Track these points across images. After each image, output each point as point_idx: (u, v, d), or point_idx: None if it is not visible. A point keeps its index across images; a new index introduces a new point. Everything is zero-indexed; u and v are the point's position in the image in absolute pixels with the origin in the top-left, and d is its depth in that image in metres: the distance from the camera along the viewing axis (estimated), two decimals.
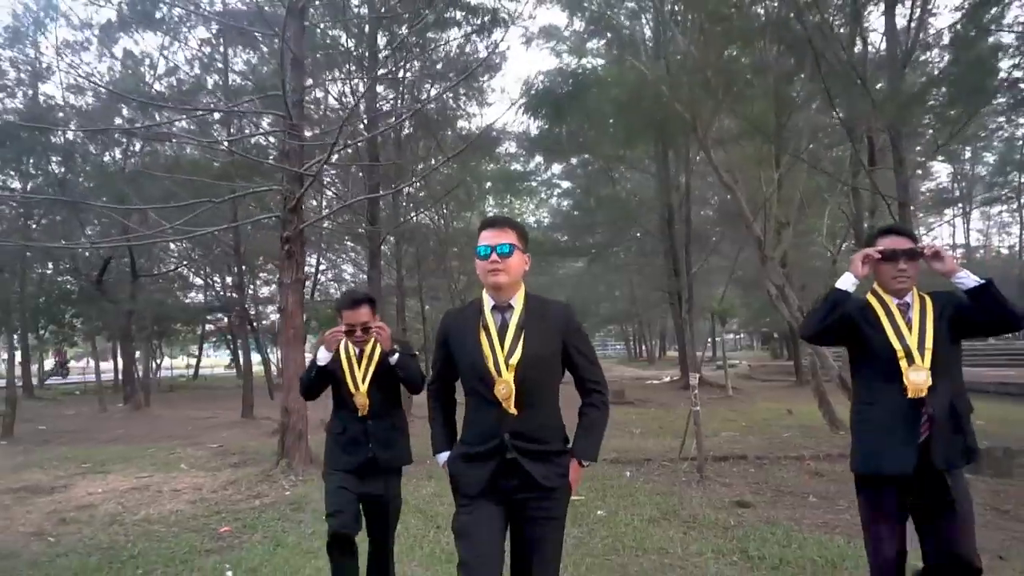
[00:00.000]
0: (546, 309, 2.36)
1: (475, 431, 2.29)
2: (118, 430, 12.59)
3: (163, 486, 6.81)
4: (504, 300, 2.31)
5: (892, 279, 2.56)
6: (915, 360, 2.45)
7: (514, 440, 2.20)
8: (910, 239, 2.61)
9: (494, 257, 2.23)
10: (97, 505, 6.06)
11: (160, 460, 8.45)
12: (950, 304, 2.56)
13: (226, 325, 32.45)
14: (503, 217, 2.44)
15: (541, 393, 2.29)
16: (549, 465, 2.25)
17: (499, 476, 2.21)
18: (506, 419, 2.20)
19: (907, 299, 2.60)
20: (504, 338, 2.26)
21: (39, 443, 10.81)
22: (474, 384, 2.28)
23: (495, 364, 2.22)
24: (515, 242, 2.28)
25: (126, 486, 6.85)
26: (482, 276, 2.30)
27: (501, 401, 2.20)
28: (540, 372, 2.27)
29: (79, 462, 8.40)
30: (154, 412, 16.08)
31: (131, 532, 5.18)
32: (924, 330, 2.51)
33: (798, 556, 4.23)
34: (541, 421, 2.28)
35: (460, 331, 2.34)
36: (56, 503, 6.19)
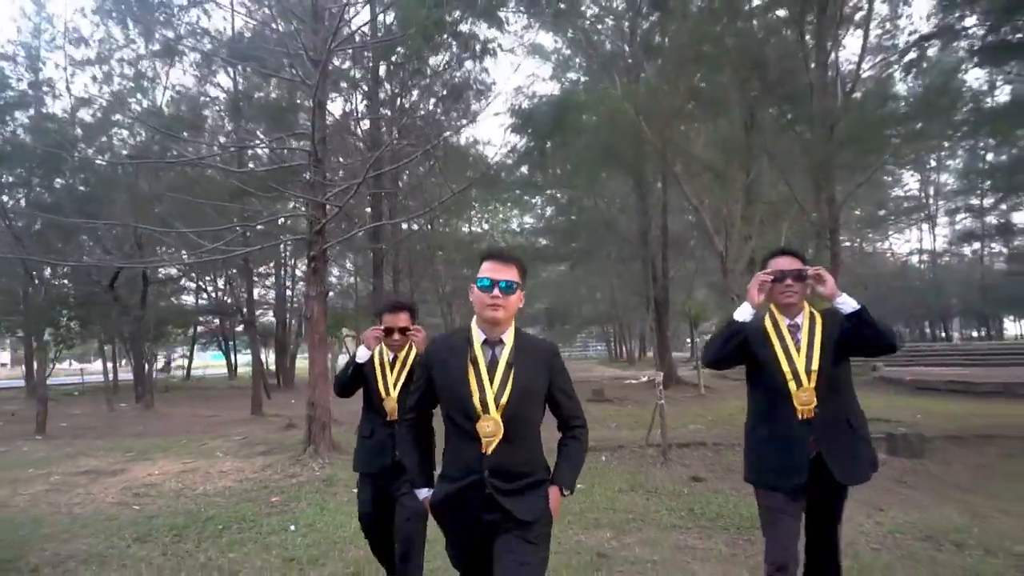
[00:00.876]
0: (534, 347, 2.37)
1: (454, 465, 2.28)
2: (138, 426, 13.64)
3: (209, 469, 7.98)
4: (496, 335, 2.30)
5: (780, 295, 2.78)
6: (802, 382, 2.66)
7: (492, 478, 2.20)
8: (798, 259, 2.82)
9: (496, 292, 2.23)
10: (160, 483, 7.23)
11: (195, 450, 9.59)
12: (837, 324, 2.74)
13: (217, 327, 33.49)
14: (508, 252, 2.38)
15: (525, 429, 2.28)
16: (528, 498, 2.25)
17: (481, 512, 2.22)
18: (486, 456, 2.20)
19: (798, 319, 2.81)
20: (494, 375, 2.25)
21: (72, 438, 11.85)
22: (457, 418, 2.26)
23: (482, 400, 2.22)
24: (517, 279, 2.29)
25: (177, 469, 8.02)
26: (479, 308, 2.28)
27: (483, 438, 2.20)
28: (526, 410, 2.28)
29: (123, 451, 9.51)
30: (161, 411, 17.09)
31: (197, 502, 6.35)
32: (811, 352, 2.70)
33: (731, 513, 5.52)
34: (522, 456, 2.28)
35: (446, 362, 2.31)
36: (124, 482, 7.34)
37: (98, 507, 6.26)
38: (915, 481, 6.84)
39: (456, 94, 15.89)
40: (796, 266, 2.77)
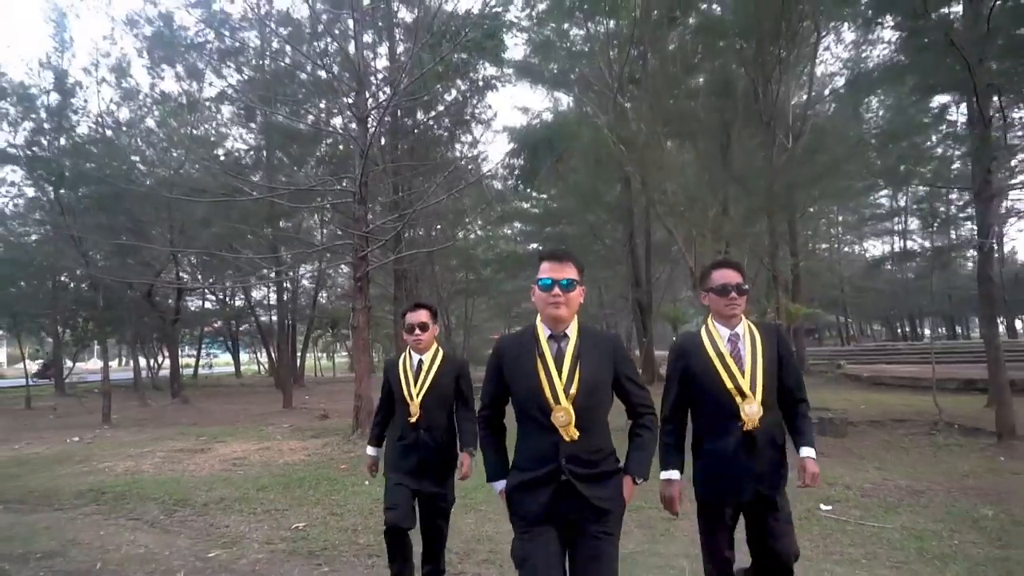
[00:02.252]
0: (598, 338, 2.48)
1: (530, 456, 2.37)
2: (184, 418, 15.53)
3: (280, 447, 9.98)
4: (560, 330, 2.40)
5: (725, 307, 2.83)
6: (747, 395, 2.70)
7: (569, 464, 2.28)
8: (739, 272, 2.90)
9: (556, 291, 2.33)
10: (246, 457, 9.22)
11: (256, 435, 11.57)
12: (774, 341, 2.87)
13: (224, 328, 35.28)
14: (564, 251, 2.47)
15: (595, 418, 2.37)
16: (603, 486, 2.33)
17: (556, 500, 2.29)
18: (562, 444, 2.28)
19: (738, 330, 2.85)
20: (561, 367, 2.34)
21: (135, 427, 13.74)
22: (531, 411, 2.35)
23: (553, 392, 2.31)
24: (576, 277, 2.39)
25: (253, 448, 10.01)
26: (541, 307, 2.39)
27: (559, 428, 2.28)
28: (595, 399, 2.37)
29: (195, 437, 11.47)
30: (197, 405, 18.99)
31: (284, 469, 8.34)
32: (755, 365, 2.76)
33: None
34: (595, 445, 2.35)
35: (515, 359, 2.43)
36: (216, 457, 9.32)
37: (210, 472, 8.25)
38: (833, 453, 8.93)
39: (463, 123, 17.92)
40: (738, 279, 2.86)
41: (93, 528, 5.70)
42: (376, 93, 10.25)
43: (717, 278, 2.88)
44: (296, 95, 14.25)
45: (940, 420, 10.58)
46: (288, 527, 5.54)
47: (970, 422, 10.41)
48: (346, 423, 11.41)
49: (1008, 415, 8.65)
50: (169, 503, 6.51)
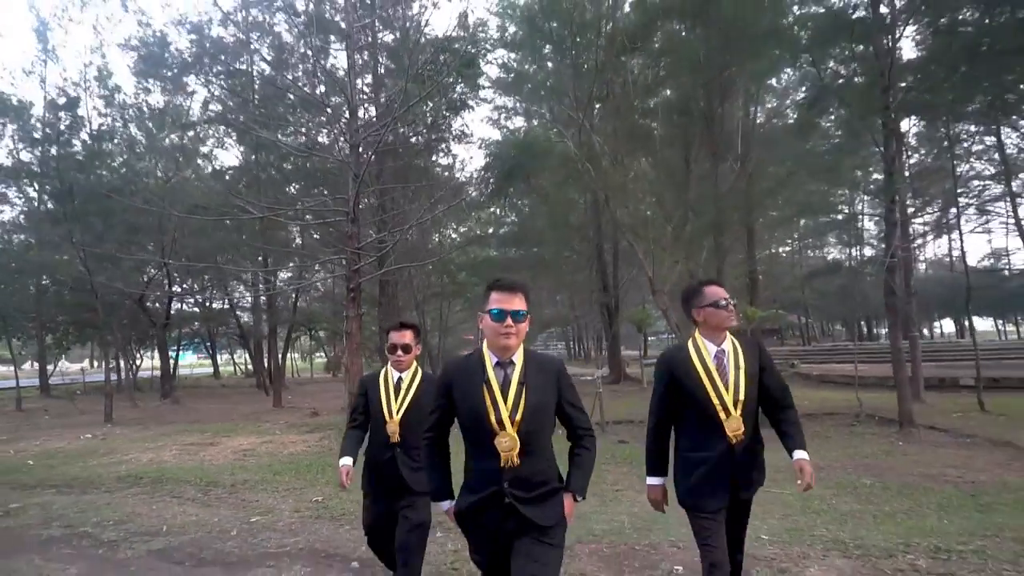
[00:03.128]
0: (542, 364, 2.56)
1: (475, 478, 2.46)
2: (182, 417, 16.55)
3: (281, 440, 11.17)
4: (507, 357, 2.48)
5: (725, 319, 2.99)
6: (731, 412, 2.86)
7: (512, 488, 2.37)
8: (724, 288, 3.07)
9: (508, 322, 2.41)
10: (253, 449, 10.40)
11: (256, 430, 12.71)
12: (755, 355, 3.03)
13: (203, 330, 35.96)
14: (514, 281, 2.54)
15: (539, 442, 2.45)
16: (545, 506, 2.43)
17: (501, 521, 2.40)
18: (505, 468, 2.37)
19: (723, 346, 2.99)
20: (507, 393, 2.42)
21: (137, 425, 14.74)
22: (476, 435, 2.43)
23: (498, 418, 2.38)
24: (526, 308, 2.49)
25: (257, 441, 11.18)
26: (491, 336, 2.46)
27: (501, 453, 2.36)
28: (539, 424, 2.45)
29: (199, 433, 12.57)
30: (188, 405, 19.95)
31: (291, 458, 9.54)
32: (738, 382, 2.91)
33: (643, 460, 8.96)
34: (538, 467, 2.43)
35: (463, 384, 2.48)
36: (226, 449, 10.48)
37: (225, 461, 9.43)
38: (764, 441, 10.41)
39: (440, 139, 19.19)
40: (726, 294, 3.02)
41: (144, 504, 6.87)
42: (364, 115, 11.27)
43: (710, 295, 3.03)
44: (286, 116, 15.42)
45: (862, 413, 12.18)
46: (309, 500, 6.78)
47: (889, 414, 11.97)
48: (337, 419, 12.63)
49: (907, 407, 10.23)
50: (201, 484, 7.69)
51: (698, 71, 12.60)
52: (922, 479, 7.11)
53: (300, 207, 12.10)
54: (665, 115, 16.59)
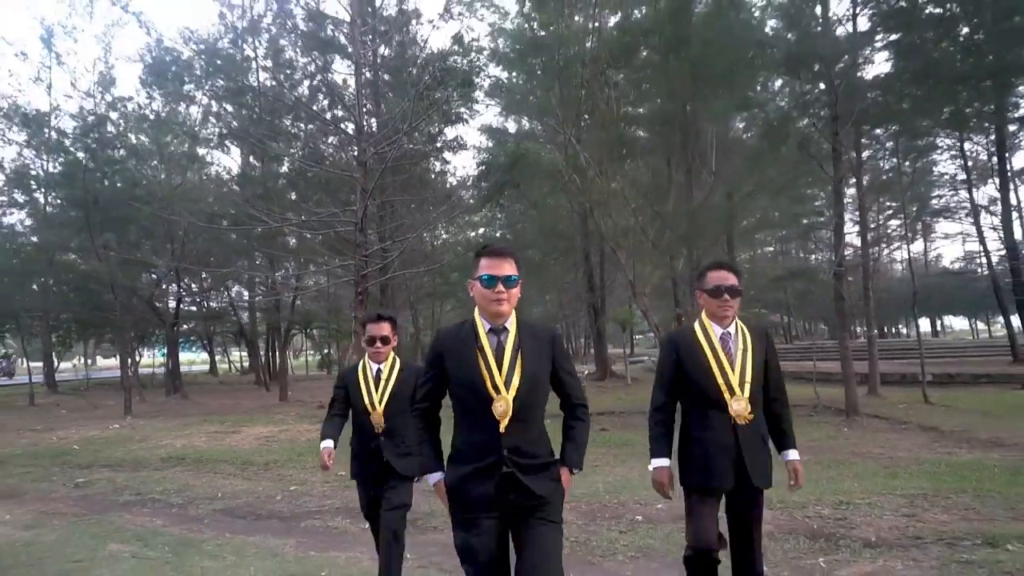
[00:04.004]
0: (536, 332, 2.52)
1: (471, 449, 2.39)
2: (196, 410, 17.65)
3: (296, 429, 12.35)
4: (500, 324, 2.45)
5: (718, 308, 2.95)
6: (736, 392, 2.83)
7: (512, 455, 2.33)
8: (734, 273, 2.99)
9: (499, 288, 2.38)
10: (272, 436, 11.59)
11: (269, 422, 13.87)
12: (763, 341, 3.00)
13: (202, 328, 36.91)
14: (505, 247, 2.51)
15: (534, 410, 2.43)
16: (543, 477, 2.39)
17: (499, 492, 2.32)
18: (503, 436, 2.33)
19: (730, 329, 2.96)
20: (502, 360, 2.39)
21: (158, 417, 15.87)
22: (471, 404, 2.39)
23: (493, 384, 2.35)
24: (517, 273, 2.44)
25: (276, 430, 12.36)
26: (483, 303, 2.43)
27: (498, 419, 2.32)
28: (534, 391, 2.41)
29: (218, 423, 13.70)
30: (195, 400, 21.05)
31: (308, 444, 10.70)
32: (745, 364, 2.88)
33: (621, 443, 10.23)
34: (533, 436, 2.41)
35: (456, 352, 2.45)
36: (248, 436, 11.65)
37: (250, 446, 10.63)
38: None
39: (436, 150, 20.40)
40: (732, 280, 2.94)
41: (194, 478, 8.07)
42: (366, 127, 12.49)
43: (712, 279, 2.97)
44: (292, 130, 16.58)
45: (819, 404, 13.54)
46: (335, 474, 7.95)
47: (841, 405, 13.27)
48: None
49: (853, 399, 11.62)
50: (237, 463, 8.90)
51: (674, 97, 13.90)
52: (851, 456, 8.43)
53: (312, 219, 13.24)
54: (647, 129, 17.90)
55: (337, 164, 14.43)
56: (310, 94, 16.92)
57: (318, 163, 13.78)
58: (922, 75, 14.79)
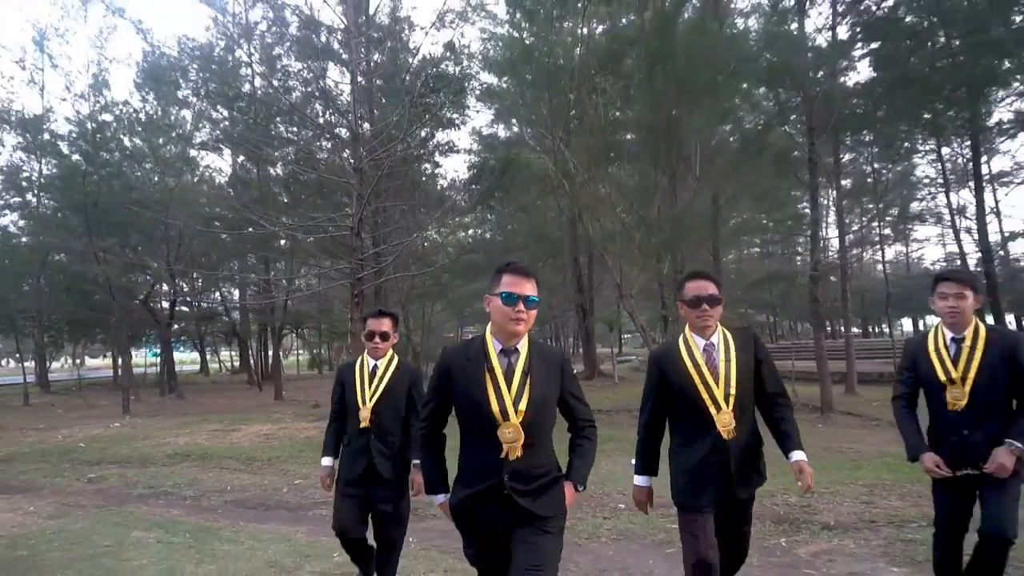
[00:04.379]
0: (545, 354, 2.50)
1: (473, 471, 2.38)
2: (193, 409, 18.01)
3: (294, 427, 12.77)
4: (512, 344, 2.40)
5: (697, 319, 2.91)
6: (721, 406, 2.80)
7: (512, 481, 2.30)
8: (713, 282, 2.95)
9: (520, 307, 2.34)
10: (273, 434, 11.99)
11: (267, 420, 14.27)
12: (750, 349, 2.95)
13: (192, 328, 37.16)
14: (526, 267, 2.47)
15: (541, 434, 2.40)
16: (544, 497, 2.37)
17: (500, 513, 2.33)
18: (506, 461, 2.30)
19: (713, 339, 2.92)
20: (511, 382, 2.35)
21: (156, 416, 16.21)
22: (476, 426, 2.37)
23: (501, 408, 2.31)
24: (537, 294, 2.42)
25: (274, 428, 12.77)
26: (501, 320, 2.37)
27: (504, 444, 2.29)
28: (541, 414, 2.39)
29: (217, 422, 14.09)
30: (191, 400, 21.38)
31: (306, 441, 11.13)
32: (729, 375, 2.84)
33: (607, 439, 10.69)
34: (538, 461, 2.38)
35: (464, 372, 2.40)
36: (248, 434, 12.05)
37: (251, 443, 11.03)
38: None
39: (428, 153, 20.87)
40: (711, 290, 2.91)
41: (202, 473, 8.49)
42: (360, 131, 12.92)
43: (690, 290, 2.94)
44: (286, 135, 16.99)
45: (796, 402, 14.08)
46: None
47: (818, 403, 13.94)
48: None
49: (828, 397, 12.20)
50: (242, 459, 9.32)
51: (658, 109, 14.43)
52: (821, 450, 8.98)
53: (307, 223, 13.66)
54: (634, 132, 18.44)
55: (331, 168, 14.79)
56: (304, 99, 17.25)
57: (314, 168, 14.19)
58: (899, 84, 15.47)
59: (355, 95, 14.00)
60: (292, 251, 18.28)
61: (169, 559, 4.80)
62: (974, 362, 3.13)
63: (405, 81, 15.51)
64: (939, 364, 3.22)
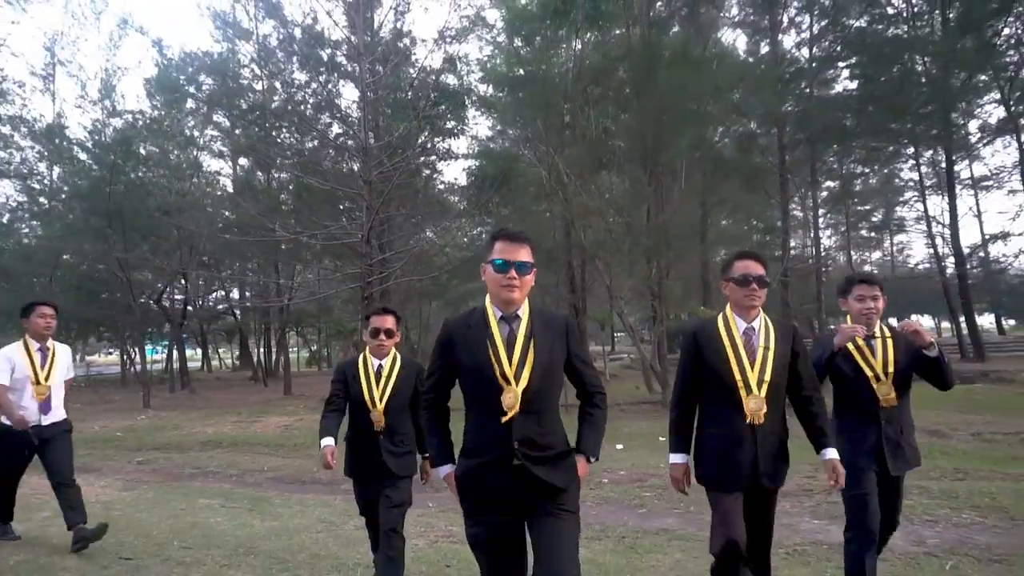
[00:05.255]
0: (550, 319, 2.46)
1: (481, 441, 2.36)
2: (207, 404, 19.03)
3: (311, 419, 13.78)
4: (512, 311, 2.38)
5: (744, 297, 2.89)
6: (752, 390, 2.77)
7: (522, 448, 2.27)
8: (761, 263, 2.93)
9: (512, 274, 2.32)
10: (291, 425, 13.10)
11: (284, 412, 15.36)
12: (789, 340, 2.93)
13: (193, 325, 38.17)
14: (520, 232, 2.44)
15: (546, 400, 2.37)
16: (557, 467, 2.33)
17: (511, 485, 2.27)
18: (513, 427, 2.27)
19: (754, 324, 2.90)
20: (512, 349, 2.33)
21: (176, 410, 17.25)
22: (480, 394, 2.35)
23: (503, 374, 2.30)
24: (531, 260, 2.38)
25: (291, 420, 13.86)
26: (494, 288, 2.37)
27: (507, 410, 2.26)
28: (547, 380, 2.35)
29: (235, 415, 15.15)
30: (202, 395, 22.42)
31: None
32: (766, 361, 2.81)
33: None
34: (546, 427, 2.35)
35: (465, 340, 2.39)
36: (269, 425, 13.15)
37: (273, 432, 12.15)
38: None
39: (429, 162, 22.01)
40: (760, 271, 2.89)
41: (237, 457, 9.60)
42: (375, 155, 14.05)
43: (739, 268, 2.92)
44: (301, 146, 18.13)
45: None
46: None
47: None
48: None
49: None
50: (270, 446, 10.45)
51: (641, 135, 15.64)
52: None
53: (320, 231, 14.81)
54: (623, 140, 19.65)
55: (340, 178, 15.92)
56: (314, 111, 18.32)
57: (326, 180, 15.31)
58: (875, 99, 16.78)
59: (365, 112, 15.13)
60: (300, 255, 19.36)
61: (237, 517, 5.94)
62: (890, 356, 3.31)
63: (408, 95, 16.67)
64: (862, 361, 3.33)
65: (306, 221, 16.21)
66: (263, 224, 15.01)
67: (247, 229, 15.69)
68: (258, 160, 18.69)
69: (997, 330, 40.39)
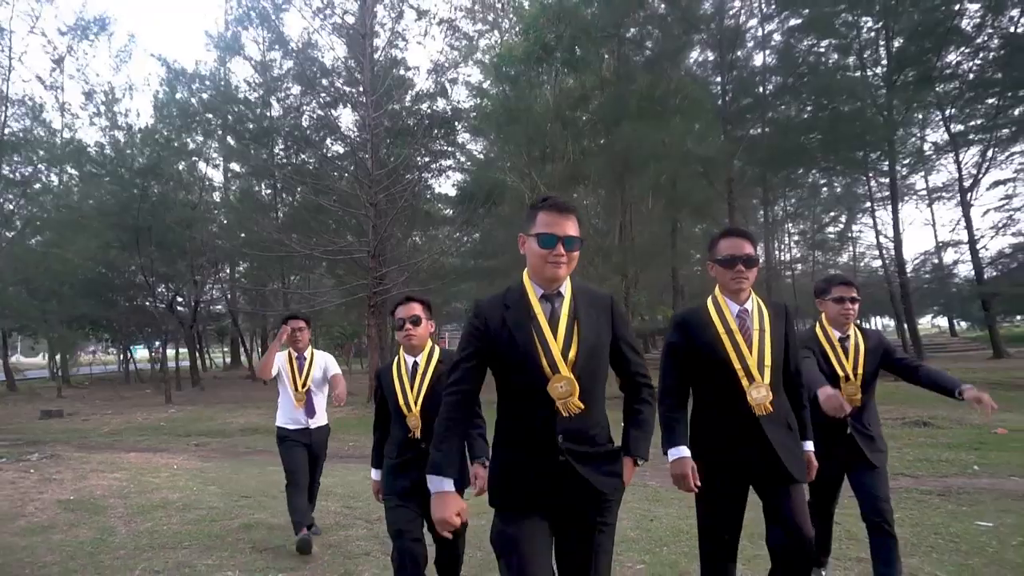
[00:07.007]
0: (592, 297, 2.22)
1: (519, 434, 2.11)
2: (222, 398, 20.89)
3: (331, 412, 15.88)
4: (554, 288, 2.15)
5: (730, 280, 2.64)
6: (755, 378, 2.51)
7: (567, 442, 2.04)
8: (749, 241, 2.67)
9: (559, 249, 2.09)
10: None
11: None
12: (782, 322, 2.68)
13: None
14: (567, 202, 2.19)
15: (594, 388, 2.12)
16: (603, 468, 2.09)
17: (550, 484, 2.05)
18: (558, 419, 2.04)
19: (747, 305, 2.66)
20: (557, 329, 2.10)
21: (194, 404, 19.14)
22: (520, 383, 2.10)
23: (549, 359, 2.06)
24: (579, 234, 2.15)
25: None
26: (537, 264, 2.13)
27: (557, 400, 2.03)
28: (595, 364, 2.13)
29: (254, 407, 17.08)
30: (211, 391, 24.29)
31: (340, 421, 14.16)
32: (764, 344, 2.56)
33: None
34: (594, 418, 2.11)
35: (503, 324, 2.12)
36: None
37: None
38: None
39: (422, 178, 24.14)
40: (747, 249, 2.65)
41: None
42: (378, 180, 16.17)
43: (724, 248, 2.69)
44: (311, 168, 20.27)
45: None
46: None
47: None
48: (352, 399, 17.40)
49: None
50: None
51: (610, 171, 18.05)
52: None
53: (331, 247, 16.90)
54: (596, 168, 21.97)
55: (346, 199, 18.02)
56: (321, 136, 20.41)
57: (338, 202, 17.40)
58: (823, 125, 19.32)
59: (372, 146, 17.22)
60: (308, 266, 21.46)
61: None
62: (860, 358, 3.25)
63: (403, 118, 18.87)
64: (836, 361, 3.26)
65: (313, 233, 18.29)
66: (284, 242, 16.99)
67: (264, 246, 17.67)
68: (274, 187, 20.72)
69: (950, 332, 43.16)
